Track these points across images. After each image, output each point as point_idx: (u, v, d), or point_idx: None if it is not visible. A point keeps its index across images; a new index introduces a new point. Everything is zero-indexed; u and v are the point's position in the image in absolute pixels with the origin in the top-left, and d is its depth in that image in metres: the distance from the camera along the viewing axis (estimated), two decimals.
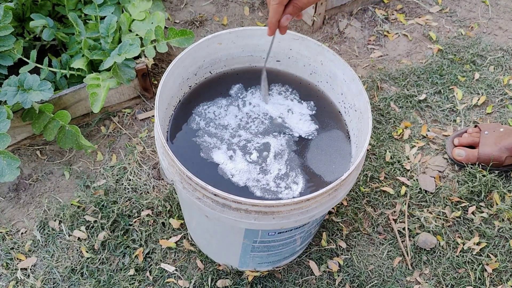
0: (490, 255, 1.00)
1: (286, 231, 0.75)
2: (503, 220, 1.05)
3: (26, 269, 0.96)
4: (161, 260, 0.98)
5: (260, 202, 0.62)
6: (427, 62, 1.32)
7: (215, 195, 0.64)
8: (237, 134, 0.79)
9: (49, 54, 1.17)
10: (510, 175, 1.11)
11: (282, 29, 0.70)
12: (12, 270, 0.96)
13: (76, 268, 0.96)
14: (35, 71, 1.06)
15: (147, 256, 0.98)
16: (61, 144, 1.02)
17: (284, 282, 0.97)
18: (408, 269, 0.99)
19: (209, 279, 0.96)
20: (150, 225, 1.02)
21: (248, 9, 1.41)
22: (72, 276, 0.95)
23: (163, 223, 1.02)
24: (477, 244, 1.02)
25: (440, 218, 1.05)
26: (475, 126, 1.15)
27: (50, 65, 1.11)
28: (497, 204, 1.06)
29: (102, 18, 1.13)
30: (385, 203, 1.07)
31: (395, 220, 1.05)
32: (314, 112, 0.82)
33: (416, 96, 1.25)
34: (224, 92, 0.84)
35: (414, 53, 1.35)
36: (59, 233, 1.01)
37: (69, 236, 1.00)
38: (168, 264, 0.98)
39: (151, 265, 0.97)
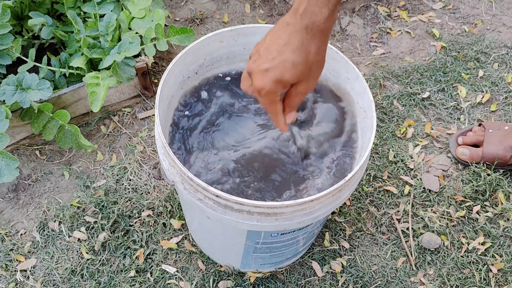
0: (495, 255, 0.99)
1: (289, 232, 0.74)
2: (508, 219, 1.04)
3: (25, 270, 0.95)
4: (162, 261, 0.97)
5: (262, 203, 0.61)
6: (430, 60, 1.31)
7: (217, 196, 0.62)
8: (239, 133, 0.77)
9: (48, 53, 1.16)
10: None
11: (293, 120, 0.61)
12: (12, 271, 0.95)
13: (76, 270, 0.95)
14: (34, 70, 1.05)
15: (148, 257, 0.97)
16: (60, 143, 1.01)
17: (286, 283, 0.96)
18: (412, 269, 0.98)
19: (211, 280, 0.95)
20: (150, 225, 1.01)
21: (249, 7, 1.40)
22: (72, 277, 0.94)
23: (164, 224, 1.01)
24: (482, 244, 1.00)
25: (444, 218, 1.04)
26: (479, 125, 1.14)
27: (49, 63, 1.09)
28: (502, 203, 1.05)
29: (101, 16, 1.11)
30: (388, 202, 1.06)
31: (398, 220, 1.04)
32: (317, 112, 0.81)
33: (420, 94, 1.23)
34: (226, 92, 0.82)
35: (417, 50, 1.34)
36: (59, 234, 1.00)
37: (69, 237, 0.99)
38: (169, 265, 0.96)
39: (152, 266, 0.96)
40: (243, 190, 0.71)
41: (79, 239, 0.99)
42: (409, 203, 1.05)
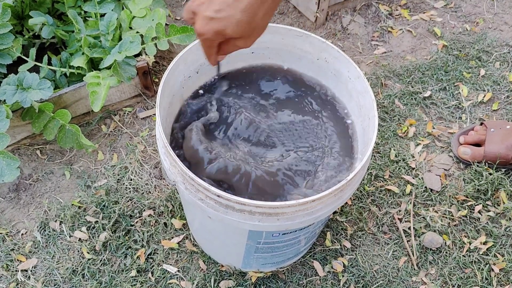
0: (497, 254, 0.99)
1: (291, 232, 0.74)
2: (510, 219, 1.03)
3: (26, 270, 0.95)
4: (163, 261, 0.97)
5: (264, 203, 0.61)
6: (432, 58, 1.30)
7: (218, 196, 0.62)
8: (240, 131, 0.77)
9: (48, 52, 1.15)
10: None
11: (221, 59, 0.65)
12: (13, 271, 0.95)
13: (77, 270, 0.95)
14: (35, 69, 1.04)
15: (149, 257, 0.97)
16: (61, 143, 1.01)
17: (288, 283, 0.95)
18: (414, 269, 0.98)
19: (212, 280, 0.94)
20: (152, 225, 1.01)
21: None
22: (73, 277, 0.94)
23: (165, 223, 1.01)
24: (483, 244, 1.00)
25: (446, 217, 1.04)
26: (481, 124, 1.13)
27: (49, 63, 1.09)
28: (504, 202, 1.04)
29: (102, 15, 1.11)
30: (390, 202, 1.06)
31: (400, 220, 1.03)
32: (319, 110, 0.81)
33: (421, 93, 1.23)
34: (227, 90, 0.82)
35: (419, 49, 1.33)
36: (60, 234, 0.99)
37: (70, 237, 0.99)
38: (171, 265, 0.96)
39: (153, 266, 0.96)
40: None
41: (80, 239, 0.99)
42: (410, 203, 1.05)
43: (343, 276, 0.96)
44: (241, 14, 0.52)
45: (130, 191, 1.04)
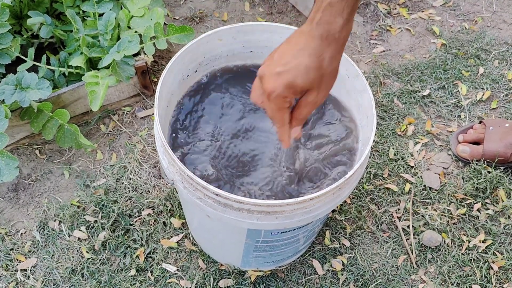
0: (496, 252, 0.99)
1: (289, 231, 0.74)
2: (509, 217, 1.03)
3: (26, 270, 0.95)
4: (162, 260, 0.97)
5: (262, 202, 0.61)
6: (431, 57, 1.30)
7: (216, 195, 0.62)
8: (238, 131, 0.77)
9: (47, 52, 1.15)
10: None
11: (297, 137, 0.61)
12: (12, 271, 0.95)
13: (76, 269, 0.95)
14: (33, 69, 1.04)
15: (148, 256, 0.97)
16: (60, 143, 1.01)
17: (287, 282, 0.96)
18: (413, 267, 0.98)
19: (211, 279, 0.94)
20: (151, 224, 1.01)
21: (248, 5, 1.39)
22: (72, 277, 0.94)
23: (164, 223, 1.01)
24: (482, 242, 1.00)
25: (445, 216, 1.04)
26: (480, 122, 1.13)
27: (48, 63, 1.09)
28: (503, 201, 1.05)
29: (101, 15, 1.11)
30: (389, 200, 1.06)
31: (399, 218, 1.04)
32: (317, 109, 0.81)
33: (420, 91, 1.23)
34: (226, 90, 0.82)
35: (417, 48, 1.33)
36: (59, 234, 0.99)
37: (69, 236, 0.99)
38: (170, 264, 0.96)
39: (152, 265, 0.96)
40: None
41: (79, 238, 0.99)
42: (409, 201, 1.05)
43: (342, 274, 0.96)
44: (308, 59, 0.51)
45: (129, 191, 1.05)
